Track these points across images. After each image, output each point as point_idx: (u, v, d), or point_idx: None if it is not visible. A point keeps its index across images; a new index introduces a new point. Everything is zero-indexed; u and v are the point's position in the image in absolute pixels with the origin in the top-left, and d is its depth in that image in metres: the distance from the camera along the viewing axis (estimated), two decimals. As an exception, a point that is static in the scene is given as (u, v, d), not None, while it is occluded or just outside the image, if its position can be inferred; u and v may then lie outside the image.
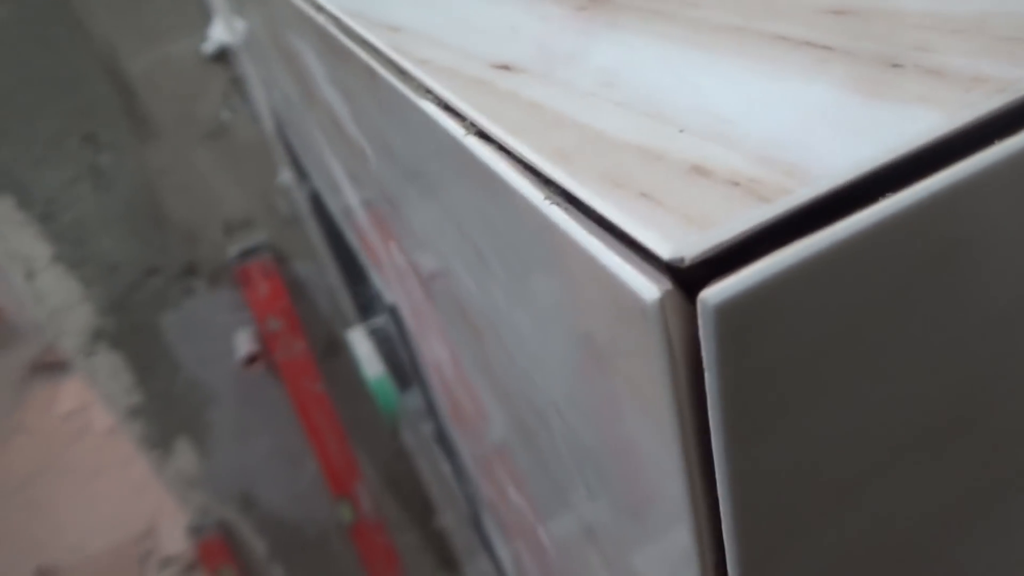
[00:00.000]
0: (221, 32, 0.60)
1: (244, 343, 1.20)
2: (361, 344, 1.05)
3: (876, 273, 0.06)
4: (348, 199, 0.27)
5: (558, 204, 0.08)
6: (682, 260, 0.06)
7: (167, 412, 1.23)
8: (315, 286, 1.25)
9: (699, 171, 0.08)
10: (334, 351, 1.33)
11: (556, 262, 0.08)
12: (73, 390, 2.48)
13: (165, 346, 1.18)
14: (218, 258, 1.16)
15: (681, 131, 0.09)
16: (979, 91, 0.08)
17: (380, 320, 0.58)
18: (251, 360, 1.17)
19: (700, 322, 0.06)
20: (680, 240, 0.07)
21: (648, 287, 0.06)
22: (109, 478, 2.15)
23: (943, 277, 0.08)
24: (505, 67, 0.11)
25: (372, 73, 0.12)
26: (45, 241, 1.04)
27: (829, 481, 0.08)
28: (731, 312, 0.06)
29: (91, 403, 2.38)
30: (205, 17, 0.99)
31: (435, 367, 0.25)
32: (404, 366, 0.54)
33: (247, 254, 1.15)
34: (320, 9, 0.15)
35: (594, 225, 0.08)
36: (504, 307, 0.11)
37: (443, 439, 0.33)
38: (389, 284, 0.26)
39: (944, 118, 0.08)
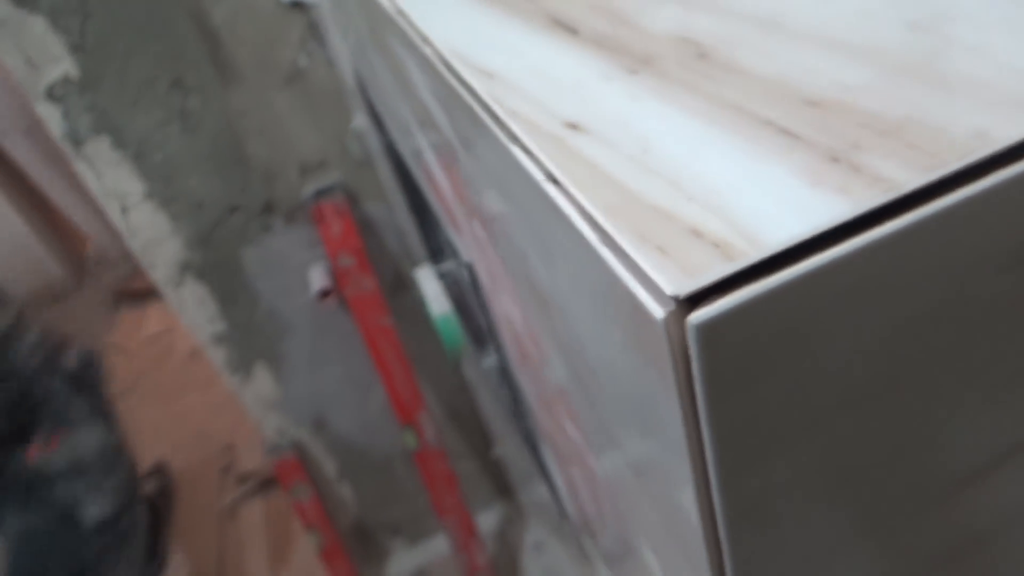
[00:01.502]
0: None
1: (318, 278, 1.28)
2: (428, 283, 1.11)
3: (786, 308, 0.10)
4: (433, 170, 0.31)
5: (606, 245, 0.12)
6: (678, 295, 0.10)
7: (247, 340, 1.33)
8: (384, 225, 1.31)
9: (695, 233, 0.12)
10: (401, 288, 1.39)
11: (601, 281, 0.12)
12: (156, 315, 2.64)
13: (245, 279, 1.27)
14: (294, 197, 1.23)
15: (689, 199, 0.12)
16: (876, 188, 0.11)
17: (449, 265, 0.63)
18: (325, 295, 1.25)
19: (688, 331, 0.10)
20: (678, 283, 0.11)
21: (658, 310, 0.10)
22: (191, 398, 2.31)
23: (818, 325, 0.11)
24: (574, 126, 0.14)
25: (473, 113, 0.16)
26: (138, 179, 1.12)
27: (778, 428, 0.12)
28: (706, 326, 0.10)
29: (173, 328, 2.53)
30: (284, -36, 1.03)
31: (505, 319, 0.29)
32: (472, 312, 0.59)
33: (321, 194, 1.21)
34: (427, 42, 0.19)
35: (627, 264, 0.12)
36: (566, 294, 0.15)
37: (508, 378, 0.38)
38: (467, 247, 0.31)
39: (845, 207, 0.11)
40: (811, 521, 0.13)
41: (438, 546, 1.75)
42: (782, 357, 0.11)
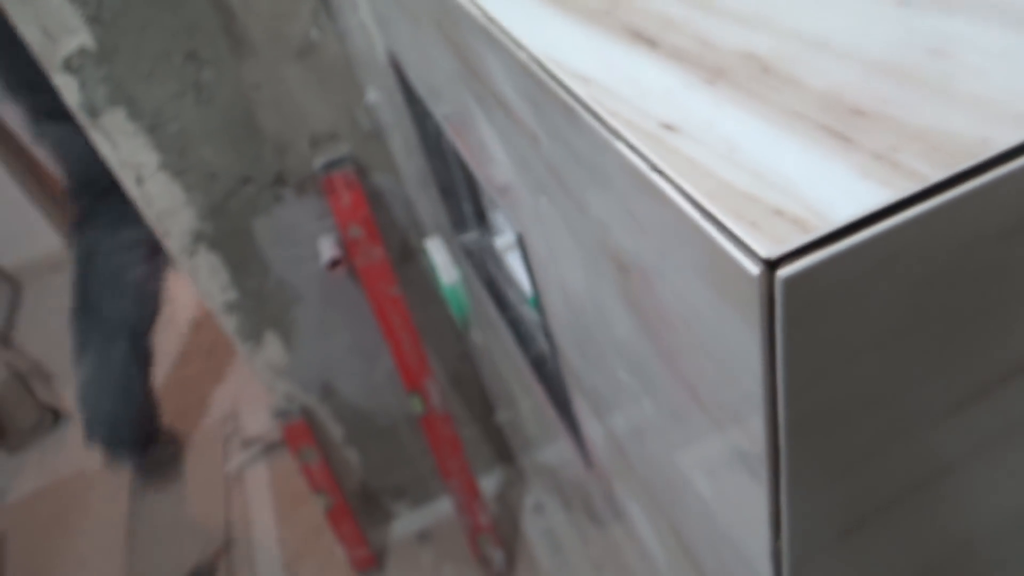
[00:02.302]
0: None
1: (328, 248, 1.31)
2: (438, 253, 1.15)
3: (847, 267, 0.14)
4: (491, 153, 0.35)
5: (709, 222, 0.16)
6: (770, 258, 0.14)
7: (258, 308, 1.36)
8: (392, 196, 1.34)
9: (778, 213, 0.15)
10: (408, 257, 1.43)
11: (700, 251, 0.16)
12: (156, 285, 2.64)
13: (257, 249, 1.30)
14: (305, 169, 1.26)
15: (771, 187, 0.16)
16: (911, 180, 0.15)
17: (471, 236, 0.67)
18: (334, 264, 1.28)
19: (776, 284, 0.14)
20: (770, 248, 0.14)
21: (754, 269, 0.14)
22: (193, 367, 2.34)
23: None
24: (668, 127, 0.18)
25: (573, 112, 0.20)
26: (153, 150, 1.14)
27: (831, 359, 0.16)
28: (790, 280, 0.13)
29: (175, 298, 2.54)
30: (297, -62, 1.05)
31: (558, 284, 0.33)
32: (492, 275, 0.62)
33: (331, 165, 1.24)
34: (521, 47, 0.22)
35: (727, 236, 0.16)
36: (654, 262, 0.19)
37: (549, 337, 0.42)
38: (521, 219, 0.34)
39: (888, 194, 0.15)
40: (850, 429, 0.17)
41: (441, 508, 1.81)
42: (840, 304, 0.15)
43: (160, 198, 1.20)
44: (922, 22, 0.18)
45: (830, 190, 0.15)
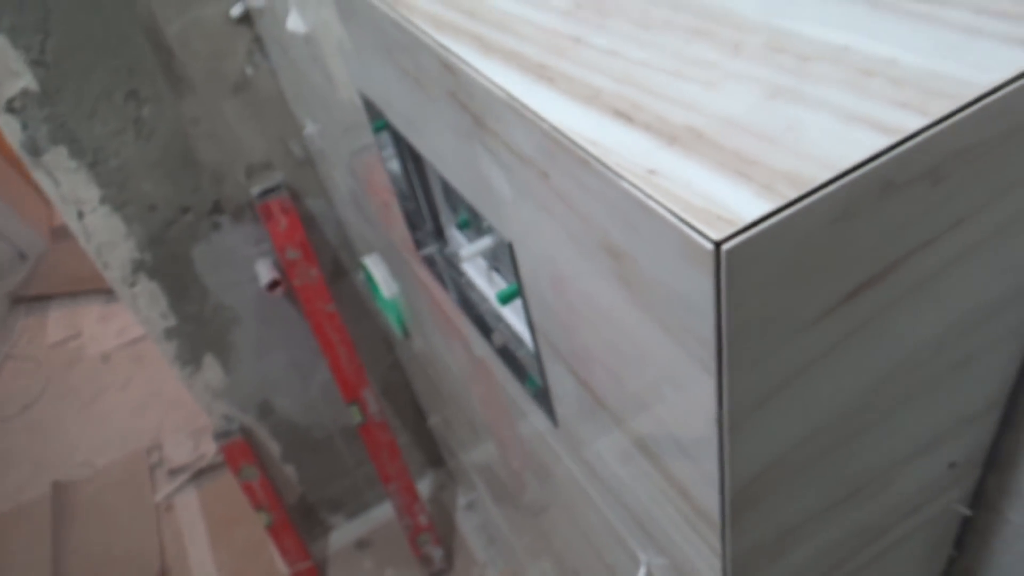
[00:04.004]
0: (296, 22, 0.77)
1: (266, 271, 1.39)
2: (377, 268, 1.25)
3: (757, 244, 0.27)
4: (491, 180, 0.47)
5: (684, 224, 0.29)
6: (717, 240, 0.27)
7: (197, 332, 1.42)
8: (324, 219, 1.43)
9: (719, 217, 0.29)
10: (340, 276, 1.52)
11: (680, 240, 0.29)
12: (61, 321, 2.60)
13: (196, 275, 1.36)
14: (241, 197, 1.34)
15: (712, 203, 0.30)
16: (781, 198, 0.29)
17: (432, 248, 0.78)
18: (274, 285, 1.36)
19: (721, 254, 0.27)
20: (717, 235, 0.28)
21: (709, 246, 0.27)
22: (109, 399, 2.31)
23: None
24: (652, 171, 0.31)
25: (587, 163, 0.33)
26: (94, 185, 1.20)
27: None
28: (728, 252, 0.26)
29: (80, 332, 2.50)
30: (232, -16, 1.14)
31: (551, 280, 0.46)
32: (454, 280, 0.75)
33: (267, 192, 1.32)
34: (542, 119, 0.35)
35: (695, 231, 0.29)
36: (642, 249, 0.32)
37: (532, 327, 0.54)
38: (514, 231, 0.47)
39: (772, 205, 0.29)
40: (762, 333, 0.31)
41: (376, 516, 1.89)
42: (752, 263, 0.28)
43: (101, 231, 1.25)
44: (784, 109, 0.32)
45: (743, 203, 0.28)
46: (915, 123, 0.30)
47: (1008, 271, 0.41)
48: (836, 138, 0.30)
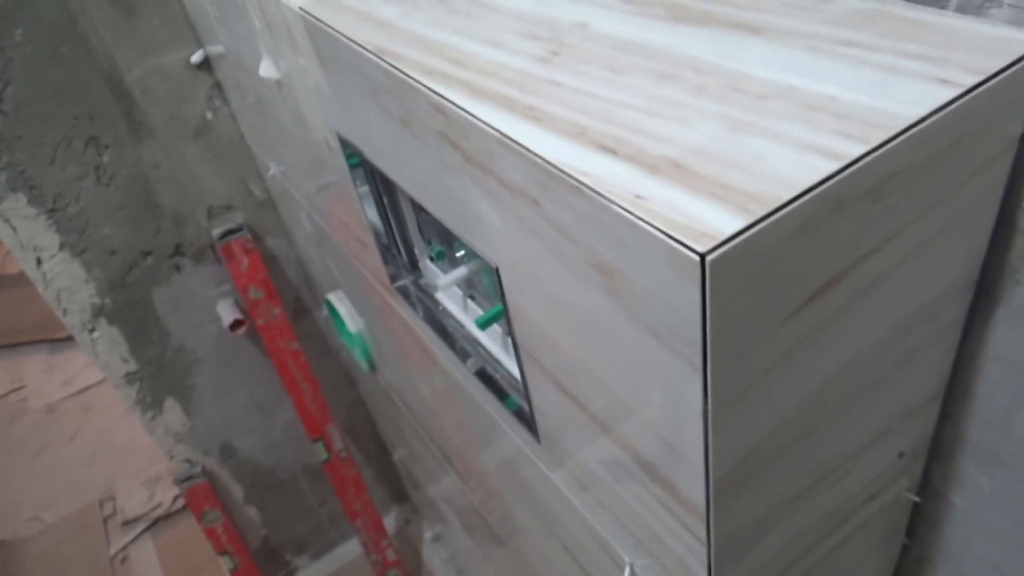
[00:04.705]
0: (269, 68, 0.81)
1: (227, 311, 1.40)
2: (342, 304, 1.28)
3: (734, 255, 0.32)
4: (478, 208, 0.51)
5: (672, 240, 0.34)
6: (702, 252, 0.32)
7: (158, 376, 1.42)
8: (285, 259, 1.45)
9: (703, 233, 0.34)
10: (302, 315, 1.54)
11: (668, 254, 0.33)
12: (2, 373, 2.52)
13: (156, 318, 1.36)
14: (202, 239, 1.35)
15: (695, 221, 0.34)
16: (752, 215, 0.34)
17: (406, 280, 0.82)
18: (236, 325, 1.37)
19: (706, 264, 0.31)
20: (701, 248, 0.32)
21: (695, 257, 0.31)
22: (56, 452, 2.25)
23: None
24: (639, 196, 0.36)
25: (580, 191, 0.37)
26: (53, 232, 1.20)
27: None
28: (711, 262, 0.31)
29: (24, 384, 2.44)
30: (192, 32, 1.17)
31: (537, 302, 0.50)
32: (429, 309, 0.78)
33: (228, 233, 1.34)
34: (536, 154, 0.39)
35: (682, 245, 0.34)
36: (632, 264, 0.36)
37: (516, 349, 0.59)
38: (500, 255, 0.52)
39: (745, 221, 0.34)
40: (745, 330, 0.35)
41: (341, 555, 1.89)
42: (731, 270, 0.33)
43: (60, 277, 1.24)
44: (748, 141, 0.37)
45: (720, 221, 0.33)
46: (858, 150, 0.36)
47: (937, 277, 0.47)
48: (794, 164, 0.36)
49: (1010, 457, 0.57)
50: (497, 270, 0.54)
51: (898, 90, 0.39)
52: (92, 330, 1.31)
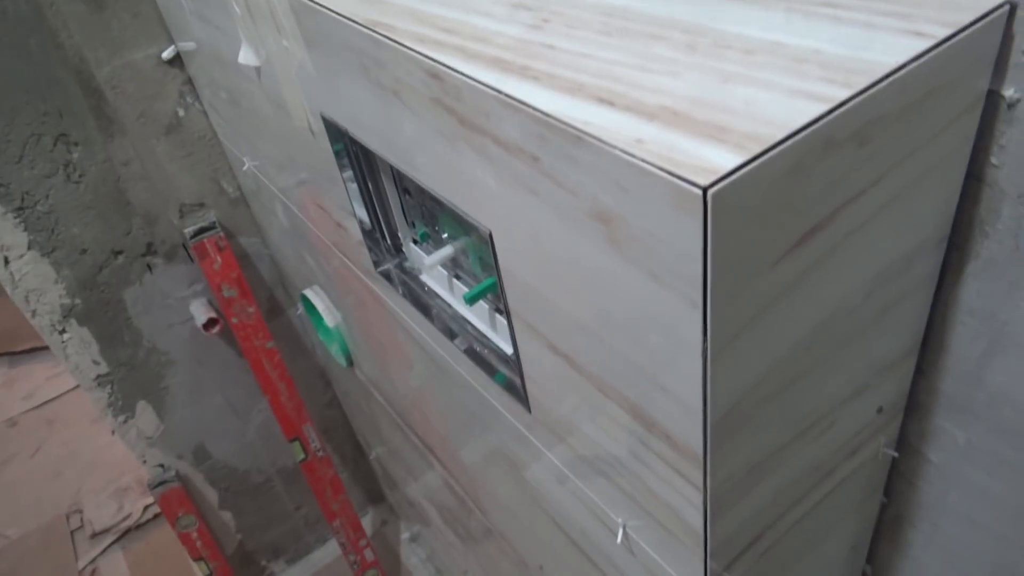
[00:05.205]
0: (249, 56, 0.81)
1: (201, 311, 1.39)
2: (319, 299, 1.28)
3: (734, 189, 0.33)
4: (476, 172, 0.52)
5: (675, 177, 0.35)
6: (705, 186, 0.33)
7: (130, 378, 1.40)
8: (258, 257, 1.45)
9: (702, 168, 0.35)
10: (276, 314, 1.53)
11: (671, 191, 0.35)
12: (-40, 387, 2.45)
13: (128, 319, 1.35)
14: (174, 237, 1.34)
15: (696, 159, 0.36)
16: (748, 152, 0.36)
17: (389, 265, 0.83)
18: (211, 324, 1.36)
19: (708, 197, 0.33)
20: (704, 182, 0.34)
21: (698, 191, 0.33)
22: (18, 467, 2.20)
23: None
24: (639, 140, 0.37)
25: (581, 139, 0.38)
26: (22, 231, 1.18)
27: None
28: (713, 195, 0.33)
29: (-17, 398, 2.37)
30: (163, 27, 1.17)
31: (536, 262, 0.51)
32: (414, 292, 0.79)
33: (201, 232, 1.33)
34: (536, 109, 0.41)
35: (685, 181, 0.35)
36: (633, 206, 0.38)
37: (508, 314, 0.60)
38: (495, 220, 0.53)
39: (742, 158, 0.36)
40: (743, 263, 0.37)
41: (317, 559, 1.87)
42: (731, 203, 0.35)
43: (29, 278, 1.22)
44: (740, 89, 0.39)
45: (720, 158, 0.35)
46: (843, 93, 0.38)
47: (914, 228, 0.50)
48: (785, 108, 0.38)
49: (982, 408, 0.60)
50: (491, 235, 0.56)
51: (877, 43, 0.41)
52: (62, 331, 1.29)
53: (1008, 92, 0.46)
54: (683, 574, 0.58)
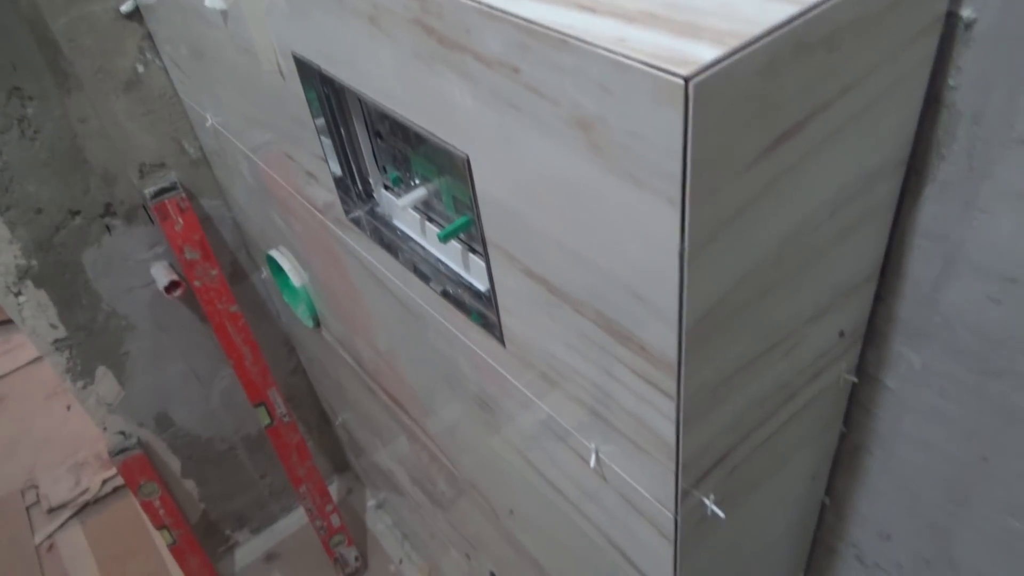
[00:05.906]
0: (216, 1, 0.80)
1: (162, 274, 1.36)
2: (285, 259, 1.27)
3: (712, 82, 0.35)
4: (463, 113, 0.52)
5: (658, 71, 0.36)
6: (687, 76, 0.34)
7: (89, 342, 1.37)
8: (220, 220, 1.43)
9: (683, 61, 0.36)
10: (239, 279, 1.51)
11: (654, 85, 0.36)
12: (-95, 364, 2.38)
13: (86, 281, 1.32)
14: (134, 198, 1.31)
15: (677, 54, 0.37)
16: (726, 47, 0.37)
17: (360, 211, 0.82)
18: (172, 287, 1.34)
19: (690, 87, 0.34)
20: (686, 72, 0.35)
21: (680, 82, 0.34)
22: (-30, 443, 2.14)
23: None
24: (621, 39, 0.38)
25: (565, 43, 0.39)
26: (-26, 188, 1.14)
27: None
28: (695, 85, 0.34)
29: (-68, 374, 2.31)
30: (121, -20, 1.14)
31: (513, 184, 0.52)
32: (386, 238, 0.80)
33: (162, 192, 1.30)
34: (517, 16, 0.41)
35: (668, 73, 0.36)
36: (618, 108, 0.39)
37: (483, 242, 0.61)
38: (472, 142, 0.53)
39: (721, 52, 0.37)
40: (720, 159, 0.38)
41: (282, 528, 1.86)
42: (711, 96, 0.36)
43: (-18, 237, 1.19)
44: None
45: (700, 52, 0.36)
46: (814, -2, 0.39)
47: (878, 144, 0.52)
48: (760, 9, 0.39)
49: (937, 330, 0.62)
50: (468, 161, 0.56)
51: (844, -46, 0.43)
52: (18, 294, 1.26)
53: (965, 12, 0.48)
54: (655, 493, 0.60)
